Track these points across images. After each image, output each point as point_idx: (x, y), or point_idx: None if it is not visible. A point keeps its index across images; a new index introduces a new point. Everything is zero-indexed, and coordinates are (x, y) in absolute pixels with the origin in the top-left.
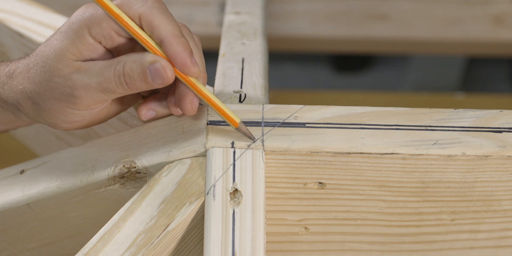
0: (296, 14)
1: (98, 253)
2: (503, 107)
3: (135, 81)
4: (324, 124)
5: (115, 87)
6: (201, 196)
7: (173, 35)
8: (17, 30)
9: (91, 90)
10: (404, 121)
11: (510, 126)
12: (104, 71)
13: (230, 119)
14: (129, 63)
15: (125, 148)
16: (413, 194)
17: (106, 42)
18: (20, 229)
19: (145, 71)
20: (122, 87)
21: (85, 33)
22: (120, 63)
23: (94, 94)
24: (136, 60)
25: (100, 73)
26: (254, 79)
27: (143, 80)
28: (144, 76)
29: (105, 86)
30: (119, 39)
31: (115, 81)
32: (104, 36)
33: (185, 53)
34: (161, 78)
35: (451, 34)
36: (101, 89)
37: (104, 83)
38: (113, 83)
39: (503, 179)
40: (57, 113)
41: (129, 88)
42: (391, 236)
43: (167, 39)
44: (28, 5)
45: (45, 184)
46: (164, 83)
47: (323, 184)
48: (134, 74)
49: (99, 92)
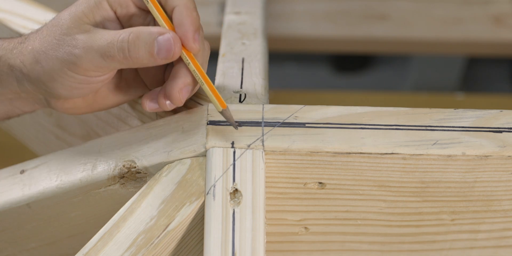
0: (296, 14)
1: (98, 253)
2: (503, 107)
3: (138, 49)
4: (324, 124)
5: (115, 53)
6: (201, 196)
7: (185, 5)
8: (17, 30)
9: (91, 52)
10: (404, 121)
11: (510, 126)
12: (109, 37)
13: (220, 100)
14: (137, 31)
15: (125, 148)
16: (413, 194)
17: (121, 11)
18: (20, 229)
19: (152, 42)
20: (123, 55)
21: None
22: (127, 31)
23: (94, 58)
24: (146, 30)
25: (105, 37)
26: (254, 79)
27: (147, 51)
28: (150, 47)
29: (106, 50)
30: (134, 10)
31: (117, 46)
32: (120, 3)
33: (190, 26)
34: (168, 51)
35: (451, 34)
36: (102, 53)
37: (106, 47)
38: (115, 49)
39: (503, 179)
40: (56, 75)
41: (130, 57)
42: (391, 236)
43: (179, 7)
44: (28, 5)
45: (45, 184)
46: (168, 57)
47: (323, 184)
48: (140, 42)
49: (99, 56)
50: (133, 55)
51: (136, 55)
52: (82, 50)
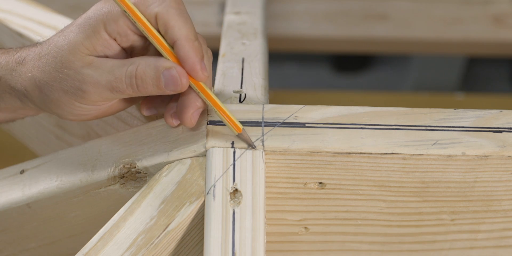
0: (296, 14)
1: (98, 253)
2: (503, 107)
3: (146, 84)
4: (324, 124)
5: (124, 88)
6: (201, 196)
7: (187, 38)
8: (17, 30)
9: (100, 87)
10: (404, 121)
11: (510, 126)
12: (116, 70)
13: (235, 125)
14: (143, 65)
15: (125, 148)
16: (413, 194)
17: (121, 40)
18: (20, 229)
19: (159, 76)
20: (132, 89)
21: (100, 29)
22: (134, 65)
23: (102, 92)
24: (151, 63)
25: (111, 71)
26: (254, 79)
27: (155, 85)
28: (157, 81)
29: (114, 86)
30: (134, 38)
31: (125, 82)
32: (119, 33)
33: (196, 58)
34: (175, 85)
35: (451, 34)
36: (110, 88)
37: (114, 82)
38: (123, 84)
39: (503, 179)
40: (63, 105)
41: (139, 91)
42: (391, 236)
43: (180, 41)
44: (28, 5)
45: (45, 184)
46: (177, 90)
47: (323, 184)
48: (147, 77)
49: (108, 91)
50: (142, 89)
51: (144, 89)
52: (90, 86)
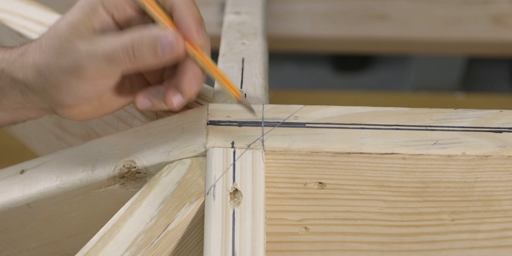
0: (296, 14)
1: (98, 253)
2: (503, 107)
3: (143, 53)
4: (324, 124)
5: (121, 59)
6: (201, 196)
7: (185, 2)
8: (17, 30)
9: (96, 60)
10: (404, 121)
11: (510, 126)
12: (111, 41)
13: (234, 90)
14: (139, 34)
15: (125, 148)
16: (413, 194)
17: (118, 15)
18: (20, 229)
19: (155, 44)
20: (129, 60)
21: (98, 5)
22: (128, 34)
23: (99, 65)
24: (147, 32)
25: (107, 44)
26: (254, 79)
27: (152, 52)
28: (154, 49)
29: (111, 57)
30: (131, 13)
31: (122, 52)
32: (117, 8)
33: (194, 21)
34: (172, 51)
35: (451, 34)
36: (107, 60)
37: (110, 53)
38: (120, 54)
39: (503, 179)
40: (63, 86)
41: (136, 61)
42: (391, 236)
43: (178, 5)
44: (28, 5)
45: (45, 184)
46: (174, 56)
47: (323, 184)
48: (143, 46)
49: (105, 63)
50: (139, 58)
51: (141, 58)
52: (86, 58)
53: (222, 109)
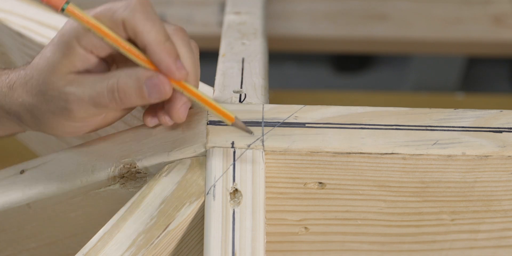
0: (296, 14)
1: (98, 253)
2: (503, 107)
3: (130, 96)
4: (324, 124)
5: (107, 102)
6: (201, 196)
7: (156, 41)
8: (17, 30)
9: (83, 104)
10: (404, 121)
11: (510, 126)
12: (97, 85)
13: (226, 115)
14: (124, 78)
15: (125, 148)
16: (413, 194)
17: (98, 51)
18: (20, 229)
19: (141, 87)
20: (116, 102)
21: (74, 44)
22: (114, 78)
23: (87, 108)
24: (132, 75)
25: (92, 87)
26: (254, 79)
27: (139, 95)
28: (140, 92)
29: (97, 101)
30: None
31: (107, 96)
32: (94, 45)
33: (170, 59)
34: (159, 93)
35: (451, 34)
36: (93, 104)
37: (97, 98)
38: (106, 98)
39: (503, 179)
40: (55, 126)
41: (122, 104)
42: (391, 236)
43: (150, 46)
44: (28, 5)
45: (45, 184)
46: (161, 97)
47: (323, 184)
48: (129, 89)
49: (92, 107)
50: (126, 101)
51: (128, 100)
52: (74, 104)
53: None
